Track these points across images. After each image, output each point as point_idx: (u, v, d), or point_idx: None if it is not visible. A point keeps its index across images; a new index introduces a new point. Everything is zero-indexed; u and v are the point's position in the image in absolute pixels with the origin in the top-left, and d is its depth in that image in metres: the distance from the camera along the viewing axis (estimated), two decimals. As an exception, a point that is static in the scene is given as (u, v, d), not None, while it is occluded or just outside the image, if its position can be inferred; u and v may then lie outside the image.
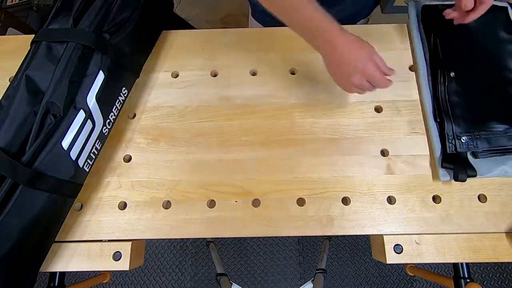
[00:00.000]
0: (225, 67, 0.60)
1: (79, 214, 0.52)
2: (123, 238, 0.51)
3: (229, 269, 1.29)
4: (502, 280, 1.25)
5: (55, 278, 0.53)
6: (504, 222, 0.50)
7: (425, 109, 0.55)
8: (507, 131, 0.51)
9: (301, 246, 1.31)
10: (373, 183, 0.52)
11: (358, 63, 0.43)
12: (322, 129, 0.56)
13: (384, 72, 0.45)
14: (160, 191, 0.53)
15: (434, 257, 0.49)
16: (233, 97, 0.58)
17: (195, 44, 0.62)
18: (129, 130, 0.57)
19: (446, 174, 0.51)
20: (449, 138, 0.52)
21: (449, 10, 0.51)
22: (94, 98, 0.47)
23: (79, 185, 0.50)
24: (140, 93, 0.59)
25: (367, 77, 0.44)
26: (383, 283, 1.26)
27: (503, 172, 0.51)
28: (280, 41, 0.62)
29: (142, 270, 1.30)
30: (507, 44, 0.57)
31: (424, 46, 0.59)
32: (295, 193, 0.52)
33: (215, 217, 0.51)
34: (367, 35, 0.61)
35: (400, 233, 0.50)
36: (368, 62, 0.44)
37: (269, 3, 0.44)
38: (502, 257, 0.48)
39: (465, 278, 0.52)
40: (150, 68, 0.61)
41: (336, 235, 0.51)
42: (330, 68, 0.48)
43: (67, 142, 0.45)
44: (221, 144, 0.55)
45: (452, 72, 0.55)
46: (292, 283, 1.26)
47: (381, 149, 0.54)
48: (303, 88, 0.58)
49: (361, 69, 0.44)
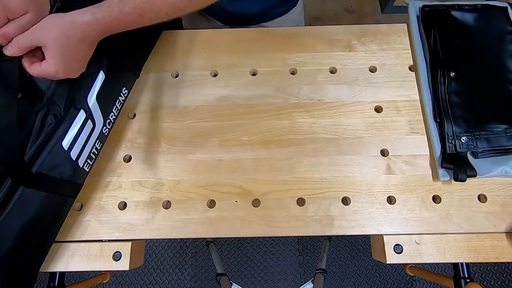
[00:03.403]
0: (225, 67, 0.60)
1: (79, 214, 0.52)
2: (123, 238, 0.51)
3: (229, 269, 1.29)
4: (502, 280, 1.25)
5: (55, 278, 0.53)
6: (504, 222, 0.50)
7: (425, 109, 0.55)
8: (507, 131, 0.51)
9: (301, 246, 1.31)
10: (373, 183, 0.52)
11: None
12: (322, 129, 0.56)
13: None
14: (160, 191, 0.53)
15: (434, 257, 0.49)
16: (233, 97, 0.58)
17: (195, 44, 0.62)
18: (129, 130, 0.57)
19: (446, 174, 0.51)
20: (449, 138, 0.52)
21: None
22: (94, 98, 0.47)
23: (79, 185, 0.50)
24: (140, 93, 0.59)
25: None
26: (383, 283, 1.26)
27: (503, 172, 0.51)
28: (280, 41, 0.62)
29: (142, 270, 1.30)
30: (507, 44, 0.57)
31: (424, 46, 0.59)
32: (295, 193, 0.52)
33: (215, 217, 0.51)
34: (367, 35, 0.62)
35: (400, 233, 0.50)
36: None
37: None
38: (502, 257, 0.48)
39: (465, 278, 0.52)
40: (150, 68, 0.61)
41: (336, 235, 0.51)
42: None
43: (68, 142, 0.45)
44: (221, 144, 0.55)
45: (452, 72, 0.55)
46: (292, 283, 1.26)
47: (381, 149, 0.54)
48: (303, 88, 0.58)
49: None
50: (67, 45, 0.39)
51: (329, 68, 0.60)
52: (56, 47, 0.39)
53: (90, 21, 0.39)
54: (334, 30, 0.62)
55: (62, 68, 0.40)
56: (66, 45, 0.39)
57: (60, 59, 0.40)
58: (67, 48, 0.39)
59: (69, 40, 0.39)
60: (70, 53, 0.40)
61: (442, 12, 0.59)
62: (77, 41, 0.40)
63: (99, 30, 0.41)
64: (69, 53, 0.40)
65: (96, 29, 0.40)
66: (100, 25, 0.40)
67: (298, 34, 0.62)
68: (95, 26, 0.40)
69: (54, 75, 0.41)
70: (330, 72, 0.59)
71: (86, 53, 0.43)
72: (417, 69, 0.58)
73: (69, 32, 0.39)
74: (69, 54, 0.40)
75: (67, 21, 0.39)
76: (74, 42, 0.40)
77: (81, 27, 0.39)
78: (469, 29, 0.57)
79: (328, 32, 0.62)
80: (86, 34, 0.40)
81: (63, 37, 0.39)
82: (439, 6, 0.59)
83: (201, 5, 0.46)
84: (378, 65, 0.59)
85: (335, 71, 0.59)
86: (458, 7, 0.59)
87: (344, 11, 1.73)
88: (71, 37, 0.39)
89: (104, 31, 0.42)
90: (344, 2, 1.73)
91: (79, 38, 0.40)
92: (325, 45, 0.61)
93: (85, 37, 0.40)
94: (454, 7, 0.59)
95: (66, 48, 0.39)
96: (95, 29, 0.40)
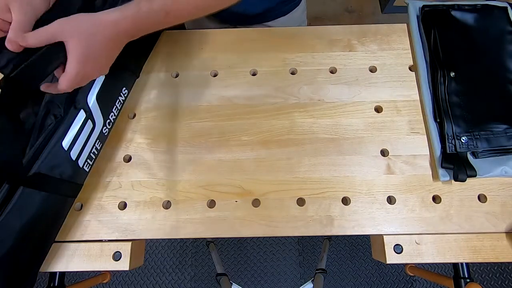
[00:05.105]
0: (225, 67, 0.60)
1: (79, 214, 0.52)
2: (123, 238, 0.51)
3: (229, 269, 1.29)
4: (502, 280, 1.25)
5: (55, 278, 0.53)
6: (504, 222, 0.50)
7: (425, 109, 0.55)
8: (507, 131, 0.51)
9: (301, 246, 1.31)
10: (373, 183, 0.52)
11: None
12: (322, 129, 0.56)
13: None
14: (160, 191, 0.53)
15: (434, 257, 0.49)
16: (233, 97, 0.58)
17: (195, 44, 0.62)
18: (129, 130, 0.57)
19: (446, 174, 0.51)
20: (449, 138, 0.52)
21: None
22: (94, 98, 0.47)
23: (79, 185, 0.50)
24: (140, 93, 0.59)
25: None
26: (383, 283, 1.26)
27: (503, 172, 0.51)
28: (280, 41, 0.62)
29: (142, 270, 1.30)
30: (507, 44, 0.57)
31: (424, 46, 0.59)
32: (295, 193, 0.52)
33: (215, 217, 0.51)
34: (367, 35, 0.62)
35: (400, 233, 0.50)
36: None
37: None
38: (502, 257, 0.48)
39: (465, 278, 0.52)
40: (150, 68, 0.61)
41: (336, 235, 0.51)
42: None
43: (68, 142, 0.45)
44: (221, 144, 0.55)
45: (452, 72, 0.55)
46: (292, 283, 1.26)
47: (381, 149, 0.54)
48: (303, 88, 0.58)
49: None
50: (92, 44, 0.38)
51: (329, 68, 0.60)
52: (79, 45, 0.37)
53: (118, 19, 0.39)
54: (334, 30, 0.62)
55: (83, 68, 0.38)
56: (91, 43, 0.38)
57: (82, 59, 0.38)
58: (91, 47, 0.38)
59: (95, 39, 0.38)
60: (93, 53, 0.39)
61: (442, 12, 0.59)
62: (103, 40, 0.39)
63: (126, 29, 0.40)
64: (92, 52, 0.38)
65: (123, 28, 0.39)
66: (127, 23, 0.39)
67: (298, 34, 0.62)
68: (122, 24, 0.39)
69: (75, 77, 0.38)
70: (330, 72, 0.59)
71: (111, 54, 0.41)
72: (417, 69, 0.58)
73: (95, 30, 0.38)
74: (92, 54, 0.39)
75: (94, 20, 0.38)
76: (100, 41, 0.38)
77: (108, 26, 0.38)
78: (469, 29, 0.57)
79: (328, 32, 0.62)
80: (113, 33, 0.39)
81: (87, 34, 0.37)
82: (439, 6, 0.59)
83: (224, 5, 0.46)
84: (378, 65, 0.59)
85: (335, 71, 0.59)
86: (458, 7, 0.59)
87: (344, 11, 1.73)
88: (98, 36, 0.38)
89: (131, 31, 0.41)
90: (344, 2, 1.73)
91: (106, 37, 0.39)
92: (325, 45, 0.61)
93: (111, 36, 0.39)
94: (454, 7, 0.59)
95: (90, 47, 0.38)
96: (122, 28, 0.39)
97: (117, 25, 0.39)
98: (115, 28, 0.39)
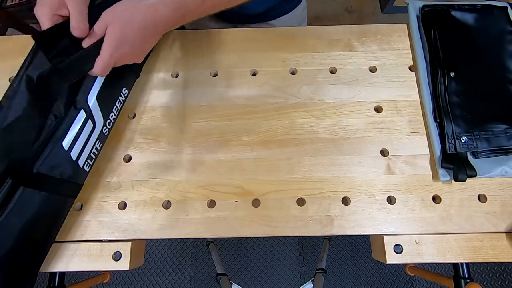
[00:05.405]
0: (225, 67, 0.60)
1: (79, 214, 0.52)
2: (123, 238, 0.51)
3: (229, 269, 1.29)
4: (502, 280, 1.25)
5: (55, 278, 0.53)
6: (504, 222, 0.50)
7: (425, 109, 0.55)
8: (507, 131, 0.51)
9: (301, 246, 1.31)
10: (373, 183, 0.52)
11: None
12: (322, 129, 0.56)
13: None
14: (160, 191, 0.53)
15: (434, 257, 0.49)
16: (233, 97, 0.58)
17: (195, 44, 0.62)
18: (129, 130, 0.57)
19: (446, 174, 0.51)
20: (449, 138, 0.52)
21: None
22: (94, 98, 0.47)
23: (79, 185, 0.50)
24: (140, 93, 0.59)
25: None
26: (383, 283, 1.26)
27: (503, 172, 0.51)
28: (280, 41, 0.62)
29: (142, 270, 1.30)
30: (507, 44, 0.57)
31: (424, 46, 0.59)
32: (295, 193, 0.52)
33: (215, 217, 0.51)
34: (367, 35, 0.62)
35: (400, 233, 0.50)
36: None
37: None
38: (502, 257, 0.48)
39: (465, 278, 0.52)
40: (150, 68, 0.61)
41: (336, 235, 0.51)
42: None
43: (68, 142, 0.45)
44: (221, 144, 0.55)
45: (452, 72, 0.55)
46: (292, 283, 1.26)
47: (381, 149, 0.54)
48: (303, 88, 0.58)
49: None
50: (127, 31, 0.38)
51: (329, 68, 0.60)
52: (115, 31, 0.38)
53: (157, 3, 0.39)
54: (334, 30, 0.62)
55: (116, 51, 0.39)
56: (126, 30, 0.38)
57: (116, 43, 0.38)
58: (126, 33, 0.38)
59: (131, 26, 0.38)
60: (128, 39, 0.39)
61: (442, 12, 0.59)
62: (140, 27, 0.39)
63: (162, 16, 0.40)
64: (127, 38, 0.39)
65: (160, 14, 0.39)
66: (167, 9, 0.39)
67: (298, 34, 0.62)
68: (161, 9, 0.39)
69: (108, 60, 0.39)
70: (330, 72, 0.59)
71: (147, 41, 0.41)
72: (417, 69, 0.58)
73: (131, 17, 0.38)
74: (127, 40, 0.39)
75: (131, 6, 0.39)
76: (137, 27, 0.39)
77: (147, 11, 0.39)
78: (469, 29, 0.57)
79: (328, 32, 0.62)
80: (151, 18, 0.39)
81: (124, 21, 0.38)
82: (439, 6, 0.59)
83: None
84: (378, 65, 0.59)
85: (335, 71, 0.59)
86: (458, 7, 0.59)
87: (344, 11, 1.73)
88: (135, 22, 0.38)
89: (167, 18, 0.41)
90: (344, 2, 1.73)
91: (141, 24, 0.39)
92: (325, 45, 0.61)
93: (149, 22, 0.39)
94: (454, 7, 0.59)
95: (126, 33, 0.38)
96: (159, 14, 0.39)
97: (155, 10, 0.39)
98: (152, 14, 0.39)
